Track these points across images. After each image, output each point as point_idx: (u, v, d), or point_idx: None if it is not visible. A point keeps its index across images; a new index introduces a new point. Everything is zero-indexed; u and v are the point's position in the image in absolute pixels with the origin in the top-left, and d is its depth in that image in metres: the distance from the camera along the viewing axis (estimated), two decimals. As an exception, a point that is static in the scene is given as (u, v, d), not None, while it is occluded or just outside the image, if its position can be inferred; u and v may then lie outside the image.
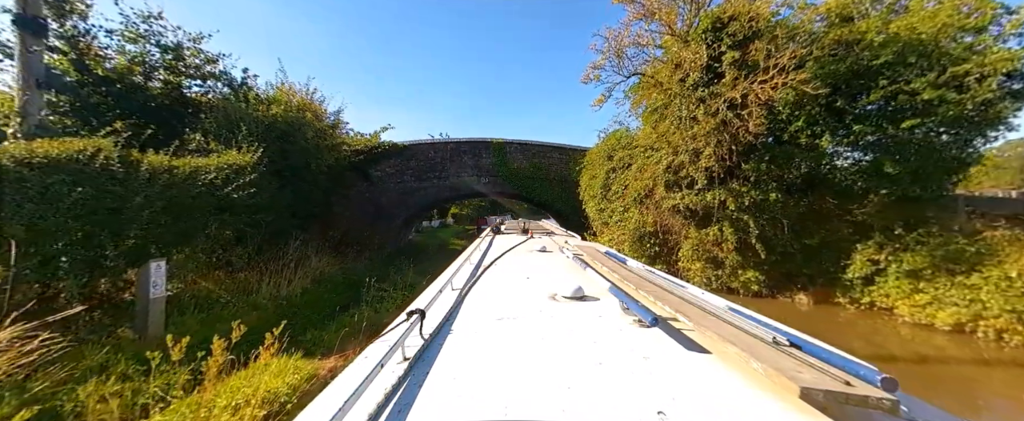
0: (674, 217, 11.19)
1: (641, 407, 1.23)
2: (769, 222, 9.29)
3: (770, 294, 9.78)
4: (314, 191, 11.29)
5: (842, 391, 1.14)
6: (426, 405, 1.28)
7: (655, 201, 11.76)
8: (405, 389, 1.40)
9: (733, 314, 2.05)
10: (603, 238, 15.20)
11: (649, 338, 1.87)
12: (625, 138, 14.99)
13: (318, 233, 11.96)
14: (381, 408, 1.25)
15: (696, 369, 1.54)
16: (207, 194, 7.15)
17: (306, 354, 5.43)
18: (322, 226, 12.37)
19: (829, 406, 1.18)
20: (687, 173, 10.12)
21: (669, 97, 10.38)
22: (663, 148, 11.04)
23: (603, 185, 14.94)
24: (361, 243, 14.32)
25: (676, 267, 11.55)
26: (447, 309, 2.42)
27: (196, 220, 7.02)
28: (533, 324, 2.14)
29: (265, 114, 9.54)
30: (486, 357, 1.70)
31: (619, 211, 13.76)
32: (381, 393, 1.31)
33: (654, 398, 1.29)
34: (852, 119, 9.21)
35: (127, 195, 5.81)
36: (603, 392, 1.34)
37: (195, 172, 6.90)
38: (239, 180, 7.55)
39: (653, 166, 11.54)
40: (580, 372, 1.51)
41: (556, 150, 18.45)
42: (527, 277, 3.56)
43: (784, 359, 1.40)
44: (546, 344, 1.82)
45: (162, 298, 5.48)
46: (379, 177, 16.87)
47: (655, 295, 2.54)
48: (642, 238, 12.32)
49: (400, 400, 1.32)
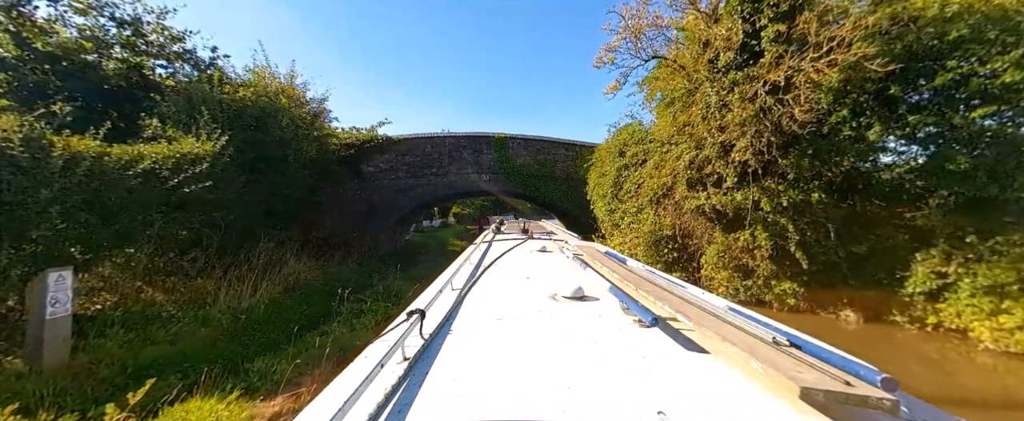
0: (697, 219, 9.97)
1: (641, 407, 1.23)
2: (811, 226, 8.04)
3: (810, 309, 8.54)
4: (294, 187, 10.13)
5: (842, 391, 1.14)
6: (426, 405, 1.29)
7: (674, 201, 10.55)
8: (405, 389, 1.39)
9: (733, 314, 2.02)
10: (614, 242, 14.05)
11: (649, 338, 1.88)
12: (638, 132, 13.81)
13: (300, 233, 10.79)
14: (381, 408, 1.24)
15: (696, 369, 1.54)
16: (150, 187, 5.99)
17: (247, 392, 4.25)
18: (304, 226, 11.21)
19: (829, 406, 1.17)
20: (713, 169, 8.91)
21: (693, 83, 9.15)
22: (684, 142, 9.82)
23: (614, 183, 13.76)
24: (350, 244, 13.15)
25: (697, 276, 10.34)
26: (447, 309, 2.40)
27: (136, 218, 5.85)
28: (533, 324, 2.14)
29: (233, 98, 8.36)
30: (486, 357, 1.70)
31: (632, 212, 12.58)
32: (381, 393, 1.30)
33: (654, 398, 1.29)
34: (907, 108, 7.98)
35: (32, 187, 4.64)
36: (603, 392, 1.34)
37: (133, 161, 5.73)
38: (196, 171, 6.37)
39: (672, 162, 10.33)
40: (580, 372, 1.51)
41: (562, 146, 17.25)
42: (527, 277, 3.52)
43: (784, 359, 1.40)
44: (546, 344, 1.82)
45: (65, 317, 4.31)
46: (371, 173, 15.71)
47: (655, 295, 2.52)
48: (658, 243, 11.13)
49: (400, 400, 1.32)
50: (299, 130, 9.79)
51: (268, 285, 7.63)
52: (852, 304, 8.09)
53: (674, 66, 9.67)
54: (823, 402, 1.17)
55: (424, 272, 11.54)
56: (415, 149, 16.27)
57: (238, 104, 8.27)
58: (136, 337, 5.06)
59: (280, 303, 7.41)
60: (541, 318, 2.23)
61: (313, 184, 12.05)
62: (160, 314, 5.79)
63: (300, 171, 10.36)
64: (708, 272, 9.78)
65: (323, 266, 10.85)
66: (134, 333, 5.10)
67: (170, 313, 5.97)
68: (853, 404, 1.13)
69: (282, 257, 9.21)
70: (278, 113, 8.92)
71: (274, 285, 7.86)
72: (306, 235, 11.11)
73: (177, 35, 9.28)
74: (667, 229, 10.75)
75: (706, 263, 9.81)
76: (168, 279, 6.89)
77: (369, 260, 13.37)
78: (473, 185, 17.00)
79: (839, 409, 1.17)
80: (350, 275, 10.65)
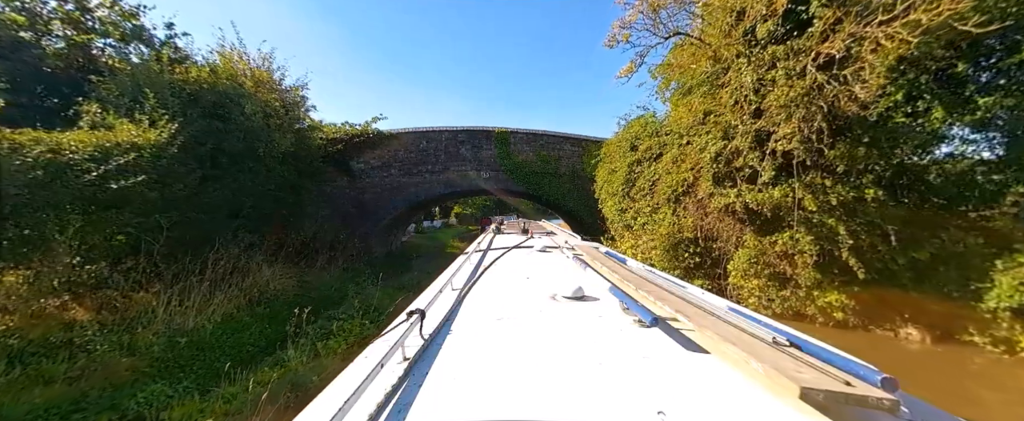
0: (724, 220, 8.76)
1: (641, 407, 1.23)
2: (864, 228, 6.82)
3: (862, 324, 7.31)
4: (267, 184, 8.97)
5: (842, 391, 1.15)
6: (426, 405, 1.28)
7: (697, 199, 9.34)
8: (405, 389, 1.39)
9: (733, 314, 2.02)
10: (625, 245, 12.86)
11: (649, 338, 1.87)
12: (652, 124, 12.60)
13: (275, 237, 9.63)
14: (381, 408, 1.24)
15: (696, 369, 1.54)
16: (63, 182, 4.83)
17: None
18: (281, 228, 10.06)
19: (829, 406, 1.17)
20: (745, 162, 7.69)
21: (722, 63, 7.95)
22: (709, 131, 8.61)
23: (625, 180, 12.56)
24: (336, 248, 11.99)
25: (722, 284, 9.14)
26: (447, 309, 2.38)
27: (41, 221, 4.70)
28: (533, 324, 2.13)
29: (185, 79, 7.20)
30: (486, 357, 1.70)
31: (646, 212, 11.38)
32: (381, 393, 1.30)
33: (654, 398, 1.29)
34: (976, 89, 6.77)
35: None
36: (603, 392, 1.34)
37: (20, 148, 4.57)
38: (121, 162, 5.21)
39: (695, 155, 9.12)
40: (580, 372, 1.50)
41: (568, 141, 16.06)
42: (527, 277, 3.52)
43: (784, 359, 1.40)
44: (546, 344, 1.82)
45: None
46: (362, 171, 14.57)
47: (655, 295, 2.50)
48: (677, 246, 9.93)
49: (400, 400, 1.31)
50: (270, 120, 8.64)
51: (225, 299, 6.47)
52: (915, 320, 6.86)
53: (698, 44, 8.45)
54: (823, 402, 1.16)
55: (414, 280, 10.35)
56: (409, 144, 15.12)
57: (192, 87, 7.12)
58: (22, 375, 3.90)
59: (237, 321, 6.25)
60: (541, 318, 2.23)
61: (295, 182, 10.91)
62: (72, 340, 4.63)
63: (275, 166, 9.21)
64: (736, 280, 8.56)
65: (302, 273, 9.69)
66: (19, 369, 3.94)
67: (91, 337, 4.81)
68: (853, 404, 1.13)
69: (250, 264, 8.06)
70: (242, 99, 7.76)
71: (233, 298, 6.69)
72: (283, 238, 9.96)
73: (129, 11, 8.16)
74: (688, 231, 9.55)
75: (734, 270, 8.59)
76: (103, 294, 5.73)
77: (357, 265, 12.20)
78: (472, 183, 15.83)
79: (839, 409, 1.16)
80: (332, 283, 9.50)
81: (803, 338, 1.62)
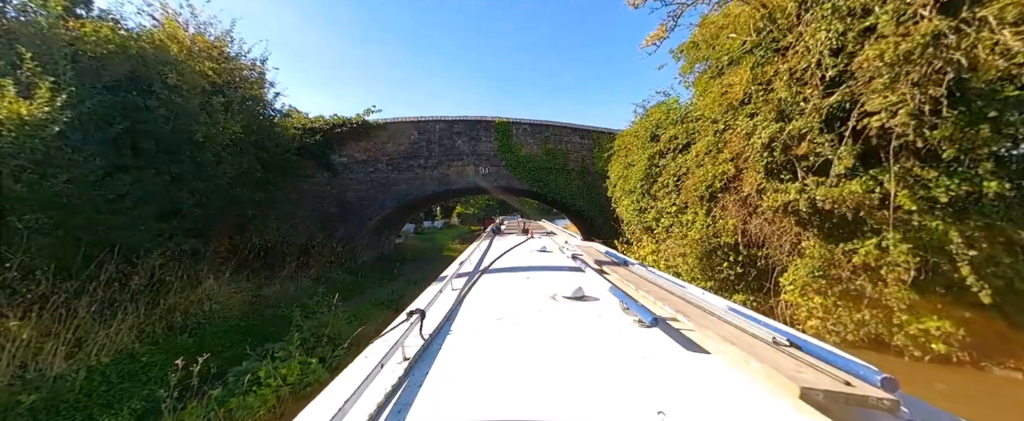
0: (777, 221, 7.05)
1: (641, 407, 1.23)
2: (983, 235, 5.09)
3: (972, 361, 5.58)
4: (216, 177, 7.36)
5: (842, 391, 1.15)
6: (426, 405, 1.28)
7: (740, 196, 7.63)
8: (405, 389, 1.38)
9: (733, 314, 2.01)
10: (644, 250, 11.16)
11: (649, 338, 1.87)
12: (677, 110, 10.91)
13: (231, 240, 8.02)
14: (381, 408, 1.23)
15: (696, 369, 1.54)
16: None
17: None
18: (235, 230, 8.45)
19: (829, 406, 1.17)
20: (811, 148, 6.01)
21: (785, 19, 6.26)
22: (760, 112, 6.91)
23: (645, 176, 10.88)
24: (311, 253, 10.36)
25: (771, 302, 7.47)
26: (447, 309, 2.38)
27: None
28: (533, 324, 2.13)
29: (84, 36, 5.54)
30: (486, 357, 1.70)
31: (671, 212, 9.71)
32: (381, 393, 1.29)
33: (654, 398, 1.29)
34: None
35: None
36: (603, 392, 1.34)
37: None
38: None
39: (737, 142, 7.43)
40: (580, 372, 1.50)
41: (577, 133, 14.40)
42: (527, 277, 3.49)
43: (784, 359, 1.40)
44: (546, 344, 1.82)
45: None
46: (345, 165, 12.97)
47: (655, 295, 2.50)
48: (712, 253, 8.27)
49: (400, 400, 1.31)
50: (214, 98, 7.01)
51: (126, 327, 4.82)
52: (1054, 359, 5.13)
53: (753, 3, 6.75)
54: (823, 402, 1.16)
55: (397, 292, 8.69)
56: (398, 136, 13.49)
57: (94, 48, 5.49)
58: None
59: (136, 360, 4.59)
60: (541, 318, 2.22)
61: (261, 177, 9.30)
62: None
63: (228, 157, 7.59)
64: (792, 297, 6.88)
65: (262, 285, 8.06)
66: None
67: None
68: (853, 404, 1.13)
69: (191, 275, 6.45)
70: (165, 67, 6.12)
71: (142, 325, 5.04)
72: (238, 243, 8.34)
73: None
74: (726, 235, 7.87)
75: (789, 284, 6.91)
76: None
77: (334, 273, 10.56)
78: (470, 180, 14.18)
79: (839, 409, 1.16)
80: (299, 297, 7.85)
81: (803, 338, 1.61)
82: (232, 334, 5.73)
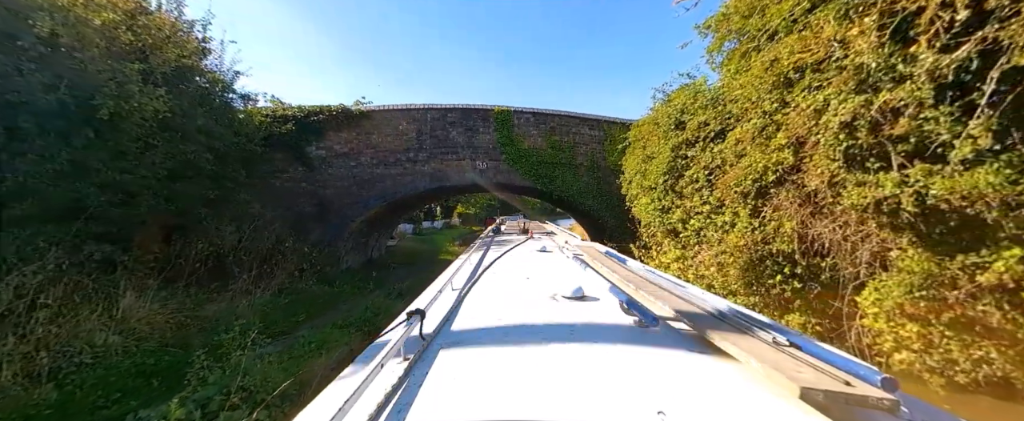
0: (855, 225, 5.46)
1: (641, 407, 1.22)
2: None
3: None
4: (142, 169, 5.86)
5: (842, 391, 1.13)
6: (426, 405, 1.27)
7: (799, 192, 6.06)
8: (405, 389, 1.37)
9: (733, 314, 1.98)
10: (668, 257, 9.60)
11: (649, 338, 1.85)
12: (706, 93, 9.33)
13: (162, 247, 6.52)
14: (381, 408, 1.22)
15: (696, 369, 1.52)
16: None
17: None
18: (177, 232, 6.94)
19: (829, 406, 1.15)
20: (913, 125, 4.46)
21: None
22: (830, 83, 5.35)
23: (668, 170, 9.32)
24: (278, 260, 8.85)
25: (846, 327, 5.92)
26: (447, 309, 2.36)
27: None
28: (533, 324, 2.12)
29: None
30: (486, 357, 1.68)
31: (702, 213, 8.17)
32: (381, 393, 1.28)
33: (654, 398, 1.28)
34: None
35: None
36: (603, 392, 1.33)
37: None
38: None
39: (800, 121, 5.86)
40: (580, 372, 1.49)
41: (586, 123, 12.85)
42: (527, 277, 3.47)
43: (784, 359, 1.38)
44: (546, 344, 1.80)
45: None
46: (323, 159, 11.47)
47: (655, 295, 2.47)
48: (760, 263, 6.72)
49: (400, 400, 1.30)
50: (119, 63, 5.47)
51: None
52: None
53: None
54: (823, 402, 1.15)
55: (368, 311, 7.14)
56: (384, 125, 11.98)
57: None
58: None
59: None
60: (541, 318, 2.21)
61: (213, 170, 7.80)
62: None
63: (151, 141, 6.07)
64: (878, 323, 5.33)
65: (204, 301, 6.55)
66: None
67: None
68: (853, 404, 1.12)
69: (98, 293, 4.94)
70: (30, 10, 4.63)
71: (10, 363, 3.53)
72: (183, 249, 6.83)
73: None
74: (781, 241, 6.30)
75: (872, 306, 5.36)
76: None
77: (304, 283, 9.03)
78: (466, 176, 12.64)
79: (839, 409, 1.14)
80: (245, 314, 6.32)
81: (803, 338, 1.58)
82: (130, 378, 4.22)
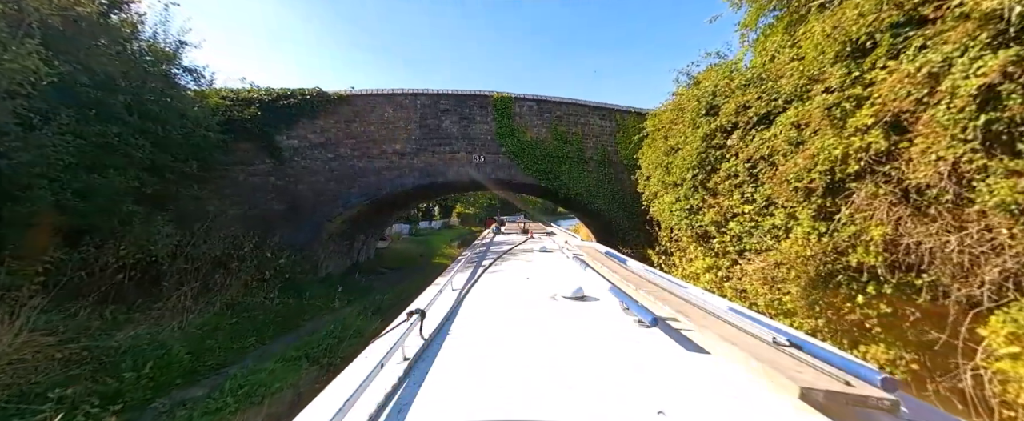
0: (991, 230, 4.01)
1: (641, 407, 1.22)
2: None
3: None
4: (26, 151, 4.45)
5: (842, 391, 1.13)
6: (426, 405, 1.27)
7: (901, 187, 4.62)
8: (405, 389, 1.37)
9: (733, 314, 1.96)
10: (696, 265, 8.20)
11: (649, 338, 1.85)
12: (742, 73, 7.90)
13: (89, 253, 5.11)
14: (381, 408, 1.22)
15: (696, 369, 1.52)
16: None
17: None
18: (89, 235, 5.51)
19: (829, 406, 1.15)
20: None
21: None
22: (938, 37, 3.94)
23: (697, 163, 7.91)
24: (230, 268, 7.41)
25: (962, 366, 4.47)
26: (447, 309, 2.36)
27: None
28: (533, 324, 2.12)
29: None
30: (486, 357, 1.68)
31: (744, 214, 6.77)
32: (381, 393, 1.28)
33: (654, 398, 1.27)
34: None
35: None
36: (603, 392, 1.33)
37: None
38: None
39: (903, 89, 4.41)
40: (580, 372, 1.49)
41: (595, 112, 11.44)
42: (527, 277, 3.46)
43: (784, 359, 1.37)
44: (546, 344, 1.81)
45: None
46: (295, 150, 10.04)
47: (655, 295, 2.46)
48: (830, 278, 5.34)
49: (400, 400, 1.30)
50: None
51: None
52: None
53: None
54: (823, 402, 1.14)
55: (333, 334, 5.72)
56: (367, 113, 10.55)
57: None
58: None
59: None
60: (541, 318, 2.21)
61: (151, 160, 6.37)
62: None
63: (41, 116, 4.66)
64: (1017, 367, 3.87)
65: (126, 322, 5.11)
66: None
67: None
68: (853, 404, 1.11)
69: None
70: None
71: None
72: (92, 255, 5.40)
73: None
74: (866, 251, 4.87)
75: (1003, 341, 3.92)
76: None
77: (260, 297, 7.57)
78: (461, 171, 11.20)
79: (839, 409, 1.14)
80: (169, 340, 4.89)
81: (803, 338, 1.57)
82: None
